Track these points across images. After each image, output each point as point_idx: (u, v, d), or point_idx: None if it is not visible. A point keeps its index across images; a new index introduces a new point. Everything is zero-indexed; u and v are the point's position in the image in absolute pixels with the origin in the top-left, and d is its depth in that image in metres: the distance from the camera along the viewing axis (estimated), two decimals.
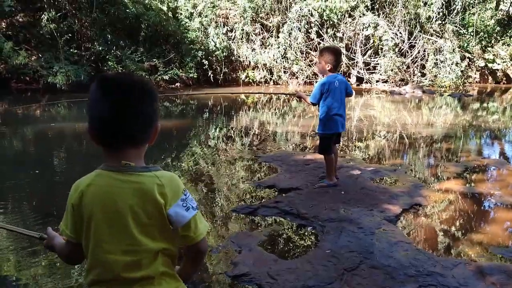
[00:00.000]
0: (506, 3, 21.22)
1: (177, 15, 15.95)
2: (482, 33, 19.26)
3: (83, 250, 1.37)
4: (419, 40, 17.42)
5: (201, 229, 1.37)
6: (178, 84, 15.06)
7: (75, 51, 13.70)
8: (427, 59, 17.49)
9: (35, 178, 5.16)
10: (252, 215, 3.91)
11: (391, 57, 16.67)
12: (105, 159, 1.36)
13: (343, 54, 14.96)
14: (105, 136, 1.33)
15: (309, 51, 17.19)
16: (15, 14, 13.46)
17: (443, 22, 18.07)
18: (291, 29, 16.40)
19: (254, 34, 16.86)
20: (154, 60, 14.69)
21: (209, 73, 15.56)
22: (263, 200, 4.32)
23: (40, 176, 5.24)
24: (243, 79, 16.73)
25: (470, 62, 19.13)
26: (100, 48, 13.83)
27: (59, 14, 13.56)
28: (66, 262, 1.58)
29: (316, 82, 16.67)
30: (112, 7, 14.24)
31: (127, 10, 14.40)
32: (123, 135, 1.32)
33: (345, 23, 16.87)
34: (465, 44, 18.89)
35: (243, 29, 16.46)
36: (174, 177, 1.37)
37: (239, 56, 16.67)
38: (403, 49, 17.30)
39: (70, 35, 13.49)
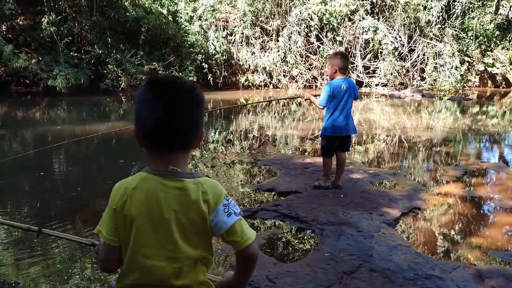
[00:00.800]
0: (505, 7, 21.29)
1: (177, 18, 16.00)
2: (481, 37, 19.30)
3: (122, 254, 1.35)
4: (419, 44, 17.45)
5: (248, 234, 1.35)
6: None
7: (75, 54, 13.73)
8: (426, 63, 17.52)
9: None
10: (251, 218, 3.91)
11: (391, 61, 16.70)
12: (150, 162, 1.34)
13: None
14: (159, 138, 1.29)
15: (309, 54, 17.23)
16: (15, 17, 13.50)
17: (443, 26, 18.12)
18: (291, 32, 16.44)
19: (254, 37, 16.89)
20: (154, 63, 14.71)
21: (209, 77, 15.58)
22: (262, 203, 4.32)
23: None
24: (242, 82, 16.75)
25: (469, 66, 19.16)
26: (100, 52, 13.85)
27: (59, 17, 13.60)
28: (103, 268, 1.48)
29: (316, 86, 16.72)
30: (112, 11, 14.28)
31: (127, 14, 14.44)
32: (175, 138, 1.31)
33: (345, 27, 16.90)
34: (465, 48, 18.92)
35: (243, 33, 16.50)
36: (216, 183, 1.35)
37: (238, 60, 16.70)
38: (402, 53, 17.33)
39: (70, 38, 13.51)
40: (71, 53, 13.61)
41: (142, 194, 1.29)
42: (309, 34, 16.72)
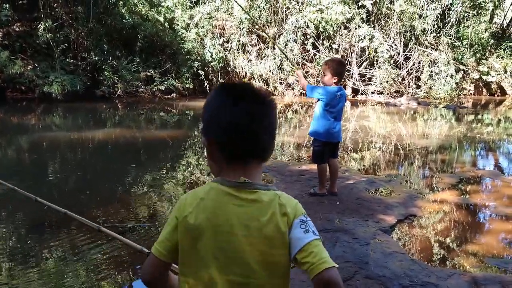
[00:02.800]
0: (500, 16, 21.49)
1: (173, 25, 16.04)
2: (476, 45, 19.46)
3: (179, 273, 1.20)
4: (414, 52, 17.58)
5: (325, 257, 1.10)
6: (174, 94, 15.08)
7: (71, 61, 13.71)
8: (422, 71, 17.64)
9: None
10: None
11: (387, 68, 16.79)
12: (221, 172, 1.20)
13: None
14: (237, 146, 1.16)
15: (305, 62, 17.30)
16: (11, 23, 13.48)
17: (438, 35, 18.26)
18: (287, 40, 16.52)
19: (250, 45, 16.96)
20: (150, 70, 14.71)
21: (205, 84, 15.60)
22: None
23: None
24: None
25: (464, 74, 19.30)
26: (96, 58, 13.84)
27: (55, 24, 13.59)
28: (146, 284, 1.28)
29: None
30: (109, 18, 14.30)
31: (124, 21, 14.46)
32: (255, 147, 1.18)
33: (341, 35, 17.00)
34: (460, 57, 19.07)
35: (239, 40, 16.56)
36: (295, 200, 1.19)
37: (235, 67, 16.74)
38: (398, 61, 17.44)
39: (66, 45, 13.50)
40: (67, 60, 13.59)
41: (209, 206, 1.15)
42: (305, 42, 16.81)
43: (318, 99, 4.47)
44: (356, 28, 16.80)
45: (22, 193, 3.28)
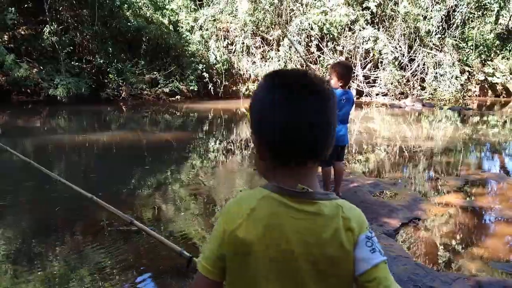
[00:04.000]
0: (505, 17, 21.38)
1: (178, 28, 16.10)
2: (481, 46, 19.39)
3: None
4: (419, 54, 17.54)
5: (393, 282, 0.98)
6: (178, 96, 15.12)
7: (76, 63, 13.80)
8: (426, 73, 17.59)
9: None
10: None
11: (391, 70, 16.76)
12: (272, 175, 1.04)
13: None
14: (299, 145, 0.99)
15: (309, 64, 17.28)
16: (17, 27, 13.58)
17: (443, 36, 18.20)
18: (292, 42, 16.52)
19: (254, 47, 16.99)
20: (155, 73, 14.79)
21: (210, 86, 15.64)
22: None
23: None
24: (243, 92, 16.80)
25: (469, 76, 19.23)
26: (101, 61, 13.92)
27: (61, 27, 13.69)
28: None
29: None
30: (114, 21, 14.38)
31: (129, 24, 14.54)
32: (315, 147, 1.00)
33: (345, 37, 16.99)
34: (465, 58, 19.00)
35: (243, 43, 16.59)
36: (357, 208, 1.04)
37: (239, 69, 16.78)
38: (402, 62, 17.40)
39: (71, 48, 13.61)
40: (72, 63, 13.69)
41: (261, 218, 0.98)
42: (310, 44, 16.81)
43: None
44: (360, 30, 16.79)
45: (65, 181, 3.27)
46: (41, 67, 13.38)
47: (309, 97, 0.99)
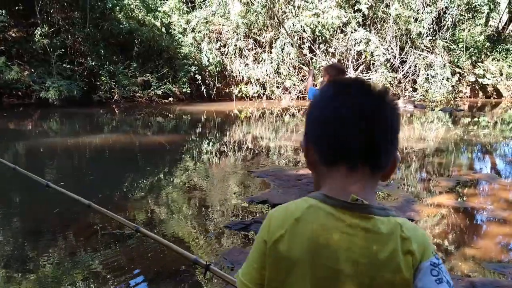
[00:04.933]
0: (495, 19, 21.61)
1: (170, 30, 16.08)
2: (472, 48, 19.58)
3: None
4: (410, 56, 17.67)
5: None
6: (171, 99, 15.10)
7: (68, 66, 13.72)
8: (418, 74, 17.72)
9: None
10: (245, 231, 3.89)
11: (383, 72, 16.86)
12: (321, 185, 0.93)
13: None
14: (347, 144, 0.88)
15: (302, 66, 17.34)
16: (8, 29, 13.48)
17: (434, 38, 18.35)
18: (284, 44, 16.56)
19: (247, 49, 17.01)
20: (147, 75, 14.75)
21: (202, 88, 15.63)
22: (256, 215, 4.31)
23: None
24: (236, 94, 16.82)
25: (460, 77, 19.39)
26: (93, 63, 13.86)
27: (52, 29, 13.61)
28: None
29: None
30: (106, 23, 14.32)
31: (121, 26, 14.49)
32: (366, 148, 0.88)
33: (337, 39, 17.08)
34: (456, 60, 19.17)
35: (236, 45, 16.60)
36: (420, 229, 0.91)
37: (232, 71, 16.79)
38: (394, 64, 17.52)
39: (63, 50, 13.53)
40: (64, 65, 13.60)
41: (308, 231, 0.86)
42: (302, 46, 16.86)
43: None
44: (352, 32, 16.88)
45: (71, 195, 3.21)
46: (33, 70, 13.28)
47: (360, 95, 0.90)
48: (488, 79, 19.68)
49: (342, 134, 0.88)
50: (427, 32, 17.93)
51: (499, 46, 20.67)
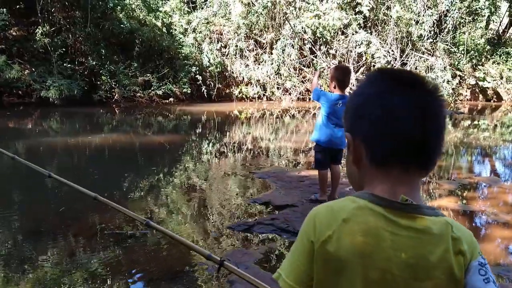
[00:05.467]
0: (495, 22, 21.65)
1: (171, 31, 16.08)
2: (472, 51, 19.59)
3: None
4: (411, 58, 17.68)
5: None
6: (171, 99, 15.09)
7: (69, 65, 13.71)
8: None
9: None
10: (248, 232, 3.89)
11: None
12: (365, 183, 0.91)
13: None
14: (405, 146, 0.85)
15: (302, 67, 17.35)
16: (9, 28, 13.46)
17: (435, 41, 18.37)
18: (285, 45, 16.56)
19: (247, 50, 17.00)
20: (148, 75, 14.73)
21: (203, 89, 15.62)
22: (259, 217, 4.30)
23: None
24: (236, 94, 16.81)
25: (461, 80, 19.40)
26: (94, 63, 13.84)
27: (53, 28, 13.60)
28: None
29: (309, 99, 16.81)
30: (107, 22, 14.31)
31: (122, 25, 14.47)
32: (422, 152, 0.86)
33: (338, 41, 17.07)
34: (456, 62, 19.18)
35: (237, 45, 16.60)
36: (467, 229, 0.90)
37: (232, 72, 16.78)
38: (395, 66, 17.50)
39: (63, 49, 13.52)
40: (64, 64, 13.59)
41: (357, 232, 0.84)
42: (303, 47, 16.86)
43: (319, 100, 4.52)
44: (353, 34, 16.88)
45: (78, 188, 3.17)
46: (33, 69, 13.27)
47: (424, 95, 0.87)
48: (488, 82, 19.69)
49: (398, 133, 0.85)
50: (427, 35, 17.94)
51: (500, 50, 20.69)
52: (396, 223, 0.83)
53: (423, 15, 17.74)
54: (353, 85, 14.84)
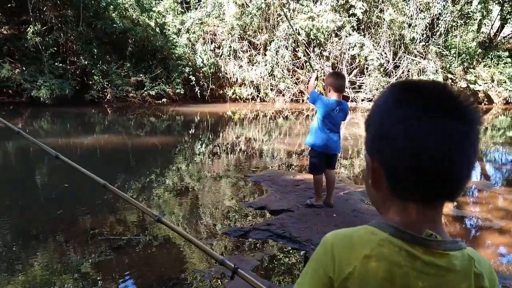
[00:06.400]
0: (487, 26, 21.83)
1: (164, 31, 15.98)
2: (464, 54, 19.72)
3: None
4: (404, 61, 17.76)
5: None
6: (164, 99, 15.00)
7: (60, 64, 13.57)
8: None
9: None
10: (244, 238, 3.85)
11: (376, 76, 16.91)
12: (386, 209, 0.86)
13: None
14: (429, 181, 0.78)
15: (296, 69, 17.35)
16: None
17: (427, 44, 18.47)
18: (278, 47, 16.54)
19: (241, 51, 16.96)
20: (141, 75, 14.63)
21: (196, 89, 15.56)
22: (255, 222, 4.27)
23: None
24: (230, 95, 16.77)
25: (452, 83, 19.51)
26: (86, 63, 13.72)
27: (44, 27, 13.45)
28: None
29: (303, 100, 16.81)
30: (99, 22, 14.18)
31: (114, 25, 14.36)
32: (448, 184, 0.79)
33: (332, 43, 17.10)
34: (448, 65, 19.31)
35: (230, 46, 16.55)
36: (487, 260, 0.87)
37: (226, 73, 16.74)
38: (388, 69, 17.59)
39: (55, 48, 13.37)
40: (56, 64, 13.45)
41: (381, 269, 0.78)
42: (297, 49, 16.87)
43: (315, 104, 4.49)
44: (346, 36, 16.91)
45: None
46: (24, 68, 13.11)
47: (450, 119, 0.78)
48: (480, 85, 19.82)
49: (425, 164, 0.77)
50: (420, 38, 18.03)
51: (491, 53, 20.85)
52: (421, 259, 0.78)
53: (416, 18, 17.83)
54: (359, 88, 14.81)
